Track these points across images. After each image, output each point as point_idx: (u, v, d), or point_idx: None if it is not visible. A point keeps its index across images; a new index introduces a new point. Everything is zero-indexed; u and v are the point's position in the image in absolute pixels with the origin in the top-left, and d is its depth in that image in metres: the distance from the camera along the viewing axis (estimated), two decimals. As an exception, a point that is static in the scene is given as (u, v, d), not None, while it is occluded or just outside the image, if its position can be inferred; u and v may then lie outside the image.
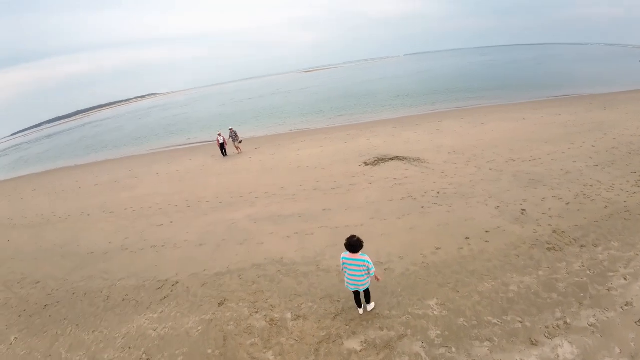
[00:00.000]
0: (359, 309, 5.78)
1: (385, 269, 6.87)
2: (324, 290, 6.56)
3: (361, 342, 5.22)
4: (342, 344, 5.24)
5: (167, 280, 8.05)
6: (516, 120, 18.34)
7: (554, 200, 8.76)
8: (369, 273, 5.20)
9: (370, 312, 5.76)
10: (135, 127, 61.00)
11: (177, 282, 7.86)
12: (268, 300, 6.56)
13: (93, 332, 6.70)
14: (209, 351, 5.58)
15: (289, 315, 6.05)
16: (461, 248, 7.17)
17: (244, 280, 7.40)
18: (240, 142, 20.68)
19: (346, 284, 5.46)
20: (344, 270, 5.38)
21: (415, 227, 8.36)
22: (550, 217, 7.95)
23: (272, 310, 6.27)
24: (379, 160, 13.72)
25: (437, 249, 7.28)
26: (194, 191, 14.52)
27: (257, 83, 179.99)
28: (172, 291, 7.54)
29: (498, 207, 8.77)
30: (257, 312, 6.28)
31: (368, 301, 5.79)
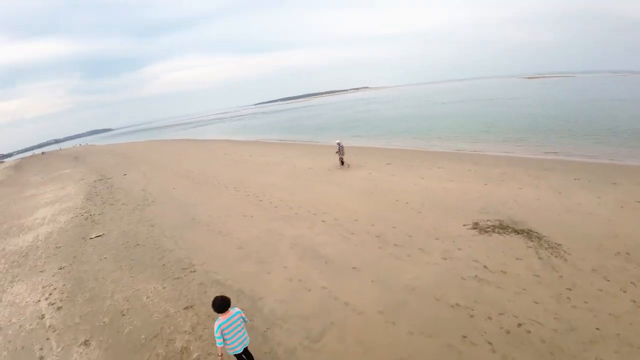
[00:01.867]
0: None
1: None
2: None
3: None
4: None
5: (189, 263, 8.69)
6: None
7: None
8: (245, 322, 5.01)
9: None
10: (330, 117, 69.81)
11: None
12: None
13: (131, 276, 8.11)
14: None
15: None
16: None
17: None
18: (341, 157, 19.55)
19: (232, 350, 4.83)
20: (224, 335, 4.70)
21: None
22: None
23: None
24: (498, 228, 9.16)
25: None
26: (289, 193, 15.01)
27: (468, 85, 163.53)
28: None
29: None
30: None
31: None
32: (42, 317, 7.83)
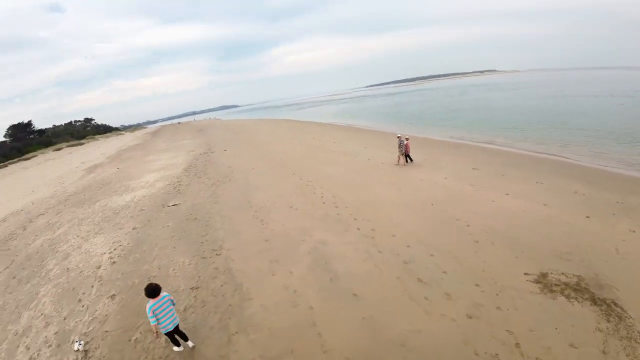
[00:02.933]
0: (177, 347, 6.05)
1: None
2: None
3: None
4: None
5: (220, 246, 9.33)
6: None
7: None
8: (174, 304, 5.84)
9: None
10: (435, 104, 63.79)
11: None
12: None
13: (174, 247, 9.32)
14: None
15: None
16: None
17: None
18: (403, 153, 17.70)
19: (164, 329, 5.67)
20: (157, 315, 5.53)
21: None
22: None
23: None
24: (571, 289, 6.46)
25: None
26: (345, 190, 14.28)
27: (625, 75, 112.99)
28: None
29: None
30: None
31: (186, 339, 6.08)
32: (99, 267, 9.58)
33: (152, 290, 5.57)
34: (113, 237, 11.94)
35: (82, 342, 6.65)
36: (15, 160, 55.84)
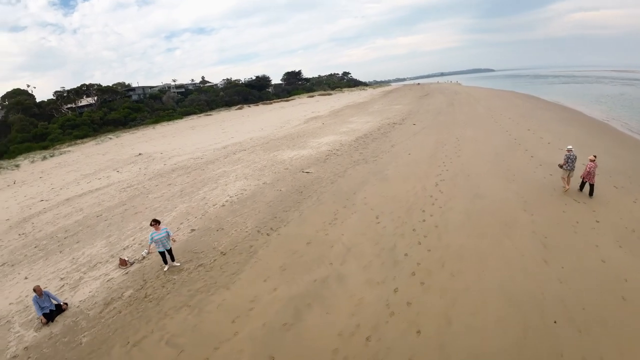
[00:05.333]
0: (165, 265, 8.93)
1: None
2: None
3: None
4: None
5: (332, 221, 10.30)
6: None
7: None
8: (169, 235, 8.82)
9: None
10: None
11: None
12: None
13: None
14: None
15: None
16: None
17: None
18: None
19: (158, 249, 8.74)
20: (154, 240, 8.56)
21: None
22: None
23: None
24: None
25: None
26: (476, 226, 10.51)
27: None
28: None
29: None
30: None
31: (173, 259, 9.00)
32: (214, 205, 12.64)
33: (155, 221, 8.81)
34: (246, 185, 15.34)
35: (145, 251, 9.78)
36: (280, 100, 77.31)
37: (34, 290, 7.25)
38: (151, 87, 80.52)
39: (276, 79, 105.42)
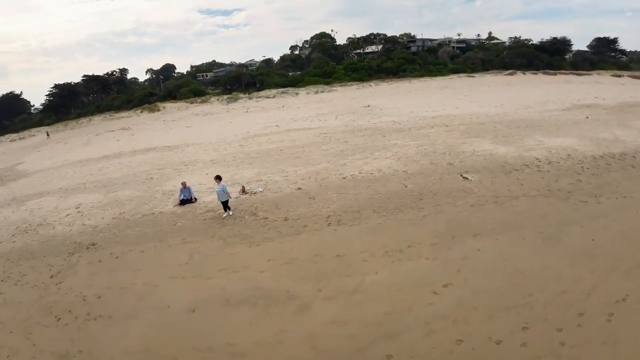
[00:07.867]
0: (224, 212, 10.82)
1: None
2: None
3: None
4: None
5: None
6: None
7: None
8: (225, 191, 10.71)
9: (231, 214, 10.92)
10: None
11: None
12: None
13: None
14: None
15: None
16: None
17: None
18: None
19: (219, 200, 10.74)
20: (217, 193, 10.67)
21: None
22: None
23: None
24: None
25: None
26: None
27: None
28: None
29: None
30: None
31: (227, 209, 10.80)
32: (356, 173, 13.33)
33: (217, 177, 10.80)
34: (387, 166, 14.56)
35: (262, 188, 12.20)
36: (570, 72, 56.71)
37: (182, 184, 11.62)
38: (431, 40, 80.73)
39: (582, 44, 75.12)
